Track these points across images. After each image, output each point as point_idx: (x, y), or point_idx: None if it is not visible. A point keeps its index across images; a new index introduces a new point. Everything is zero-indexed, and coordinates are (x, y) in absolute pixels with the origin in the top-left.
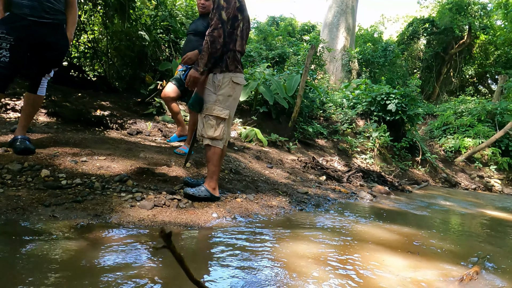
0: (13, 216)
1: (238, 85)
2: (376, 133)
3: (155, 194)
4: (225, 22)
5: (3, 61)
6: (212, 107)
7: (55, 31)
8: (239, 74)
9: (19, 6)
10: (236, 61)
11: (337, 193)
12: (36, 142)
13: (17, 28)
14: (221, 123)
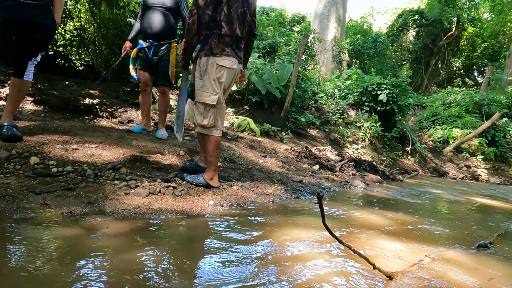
0: (2, 203)
1: (225, 68)
2: (368, 123)
3: (149, 181)
4: (200, 7)
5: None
6: (200, 93)
7: (42, 13)
8: (226, 57)
9: None
10: (223, 44)
11: (331, 181)
12: (23, 130)
13: (3, 8)
14: (210, 110)
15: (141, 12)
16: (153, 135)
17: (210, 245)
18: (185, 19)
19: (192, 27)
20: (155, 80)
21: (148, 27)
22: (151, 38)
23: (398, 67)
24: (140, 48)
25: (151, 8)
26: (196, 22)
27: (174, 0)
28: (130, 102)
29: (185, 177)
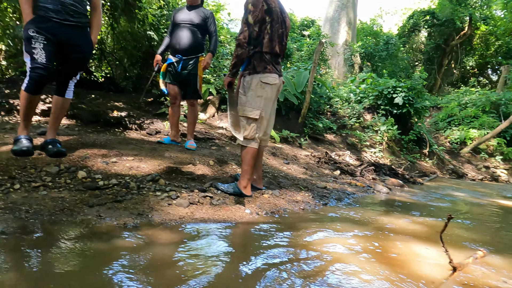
0: (63, 217)
1: (269, 85)
2: (384, 127)
3: (187, 192)
4: (251, 25)
5: (40, 62)
6: (243, 108)
7: (79, 33)
8: (268, 74)
9: (44, 9)
10: (264, 62)
11: (353, 187)
12: (64, 145)
13: (45, 28)
14: (252, 123)
15: (171, 28)
16: (182, 146)
17: (256, 252)
18: (212, 34)
19: (243, 42)
20: (184, 93)
21: (177, 43)
22: (180, 53)
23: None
24: (170, 63)
25: (180, 25)
26: (247, 38)
27: (202, 17)
28: (153, 113)
29: (219, 186)
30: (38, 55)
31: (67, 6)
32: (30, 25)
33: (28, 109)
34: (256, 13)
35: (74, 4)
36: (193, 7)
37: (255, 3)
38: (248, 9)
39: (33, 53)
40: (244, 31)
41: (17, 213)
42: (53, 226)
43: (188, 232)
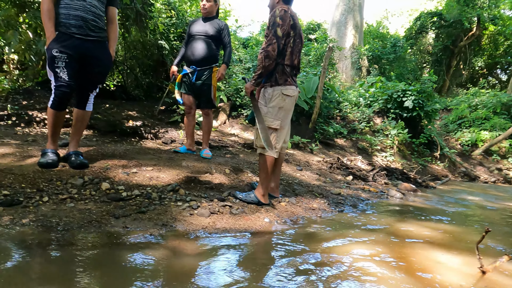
0: (92, 228)
1: (289, 97)
2: (395, 131)
3: (207, 201)
4: (280, 38)
5: (64, 79)
6: (264, 118)
7: (99, 48)
8: (289, 87)
9: (66, 26)
10: (285, 74)
11: (367, 192)
12: (86, 156)
13: (67, 46)
14: (273, 133)
15: (186, 39)
16: (198, 155)
17: (281, 260)
18: (227, 46)
19: (273, 54)
20: (199, 103)
21: (191, 54)
22: (194, 64)
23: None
24: (185, 74)
25: (195, 36)
26: (276, 50)
27: (216, 29)
28: (166, 121)
29: (237, 195)
30: (62, 74)
31: (89, 21)
32: (53, 44)
33: (55, 125)
34: (285, 27)
35: (95, 20)
36: (208, 18)
37: (283, 17)
38: (276, 22)
39: (57, 72)
40: (273, 43)
41: (49, 225)
42: (83, 238)
43: (212, 242)
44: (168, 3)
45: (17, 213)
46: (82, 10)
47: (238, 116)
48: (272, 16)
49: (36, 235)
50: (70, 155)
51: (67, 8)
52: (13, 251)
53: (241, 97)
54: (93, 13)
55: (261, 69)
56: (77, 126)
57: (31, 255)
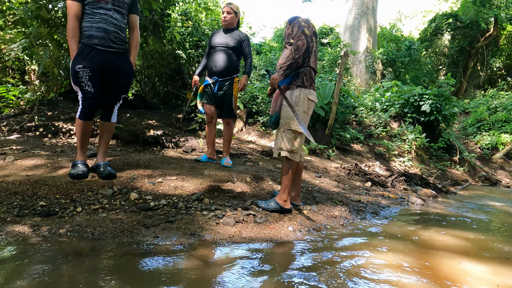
0: (124, 238)
1: (312, 102)
2: (412, 135)
3: (231, 210)
4: (308, 35)
5: (89, 92)
6: (291, 121)
7: (121, 59)
8: (313, 92)
9: (88, 37)
10: (311, 78)
11: (387, 199)
12: (112, 166)
13: (90, 59)
14: (298, 137)
15: (208, 50)
16: (219, 163)
17: (310, 270)
18: (247, 56)
19: (302, 48)
20: (220, 112)
21: (213, 65)
22: (216, 75)
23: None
24: (206, 84)
25: (216, 48)
26: (306, 45)
27: (237, 40)
28: (184, 130)
29: (259, 204)
30: (87, 87)
31: (110, 33)
32: (77, 60)
33: (83, 135)
34: (310, 29)
35: (117, 31)
36: (229, 30)
37: (307, 21)
38: (301, 24)
39: (82, 86)
40: (302, 39)
41: (85, 235)
42: (118, 248)
43: (240, 251)
44: (184, 14)
45: (54, 223)
46: (104, 22)
47: (254, 123)
48: (296, 23)
49: (74, 245)
50: (99, 166)
51: (90, 22)
52: (54, 260)
53: (257, 104)
54: (115, 25)
55: (291, 59)
56: (103, 138)
57: (71, 264)
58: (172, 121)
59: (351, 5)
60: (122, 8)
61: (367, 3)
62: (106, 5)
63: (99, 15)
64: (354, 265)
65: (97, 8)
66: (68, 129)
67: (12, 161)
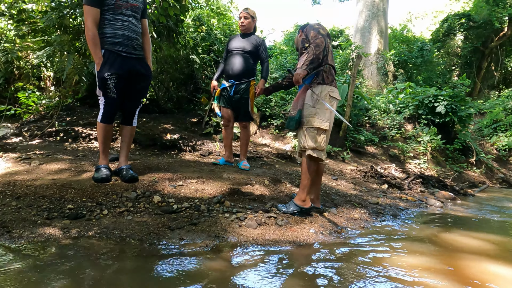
0: (151, 240)
1: (335, 100)
2: (427, 137)
3: (252, 213)
4: (324, 35)
5: (112, 97)
6: (313, 119)
7: (141, 64)
8: (334, 89)
9: (113, 44)
10: (331, 75)
11: (405, 201)
12: (134, 170)
13: (115, 65)
14: (322, 134)
15: (225, 55)
16: (236, 166)
17: (338, 272)
18: (264, 61)
19: (321, 44)
20: (237, 116)
21: (230, 69)
22: (233, 78)
23: (448, 73)
24: (223, 88)
25: (233, 52)
26: (324, 42)
27: (254, 44)
28: (200, 133)
29: (280, 208)
30: (111, 93)
31: (133, 40)
32: (104, 67)
33: (105, 139)
34: (324, 30)
35: (137, 38)
36: (246, 35)
37: (319, 25)
38: (315, 27)
39: (107, 92)
40: (319, 37)
41: (112, 237)
42: (145, 250)
43: (265, 253)
44: (197, 19)
45: (82, 226)
46: (127, 29)
47: (268, 126)
48: (309, 27)
49: (103, 247)
50: (122, 169)
51: (113, 28)
52: (85, 262)
53: (271, 107)
54: (135, 32)
55: (312, 55)
56: (125, 142)
57: (102, 265)
58: (187, 125)
59: (362, 7)
60: (138, 13)
61: (377, 4)
62: (127, 10)
63: (120, 21)
64: (378, 267)
65: (118, 14)
66: (87, 134)
67: (38, 165)
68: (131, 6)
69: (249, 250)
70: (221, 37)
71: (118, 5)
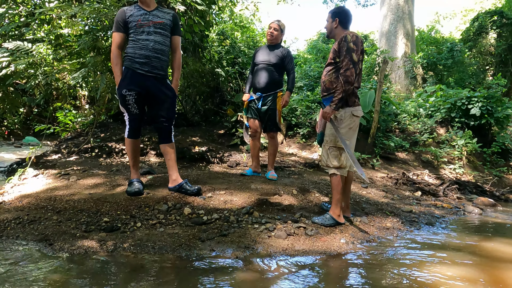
0: (183, 252)
1: (357, 118)
2: (462, 141)
3: (281, 223)
4: (356, 62)
5: (135, 113)
6: (335, 139)
7: (161, 84)
8: (357, 108)
9: (131, 61)
10: (354, 95)
11: (440, 209)
12: (164, 181)
13: (132, 83)
14: (343, 153)
15: (252, 67)
16: (264, 177)
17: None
18: (290, 72)
19: (352, 79)
20: (265, 126)
21: (257, 82)
22: (260, 91)
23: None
24: (251, 100)
25: (259, 65)
26: (354, 74)
27: (279, 57)
28: (226, 145)
29: (314, 220)
30: (133, 108)
31: (151, 58)
32: (122, 85)
33: (134, 153)
34: (358, 52)
35: (157, 56)
36: (273, 46)
37: (356, 43)
38: (351, 48)
39: (129, 108)
40: (351, 68)
41: (146, 249)
42: (178, 261)
43: (296, 264)
44: (222, 33)
45: (118, 238)
46: (146, 49)
47: (294, 135)
48: (344, 42)
49: (139, 258)
50: (182, 185)
51: (133, 48)
52: (123, 273)
53: (296, 116)
54: (156, 50)
55: (341, 93)
56: (171, 158)
57: (139, 277)
58: (214, 137)
59: (386, 11)
60: (164, 30)
61: (402, 7)
62: (149, 28)
63: (141, 41)
64: (415, 278)
65: (139, 34)
66: (120, 149)
67: (75, 180)
68: (154, 23)
69: (279, 261)
70: (245, 49)
71: (140, 24)
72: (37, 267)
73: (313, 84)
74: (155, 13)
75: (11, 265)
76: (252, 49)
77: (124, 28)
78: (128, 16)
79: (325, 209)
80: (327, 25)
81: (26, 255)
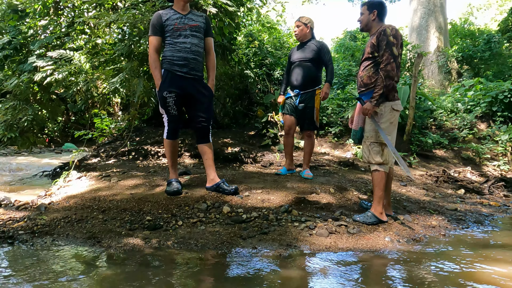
0: (225, 249)
1: (398, 112)
2: (506, 136)
3: (321, 221)
4: (396, 56)
5: (174, 114)
6: (377, 134)
7: (199, 84)
8: (397, 102)
9: (171, 64)
10: (394, 90)
11: (487, 207)
12: (201, 182)
13: (173, 85)
14: (385, 149)
15: (288, 67)
16: (299, 175)
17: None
18: (327, 64)
19: (393, 73)
20: (302, 124)
21: (294, 80)
22: (297, 88)
23: None
24: (288, 97)
25: (295, 62)
26: (395, 69)
27: (314, 51)
28: (258, 146)
29: (356, 218)
30: (172, 110)
31: (190, 60)
32: (163, 87)
33: (173, 154)
34: (399, 45)
35: (195, 58)
36: (304, 43)
37: (396, 36)
38: (391, 41)
39: (168, 110)
40: (391, 63)
41: (189, 247)
42: (222, 258)
43: (340, 262)
44: (249, 35)
45: (161, 236)
46: (184, 51)
47: (326, 134)
48: (384, 35)
49: (183, 255)
50: (219, 184)
51: (171, 51)
52: (169, 270)
53: (327, 115)
54: (194, 52)
55: (382, 88)
56: (209, 158)
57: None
58: (244, 138)
59: (416, 5)
60: (199, 32)
61: (433, 0)
62: (185, 31)
63: (179, 44)
64: (468, 278)
65: (177, 37)
66: (156, 152)
67: (116, 181)
68: (190, 26)
69: (323, 258)
70: (272, 50)
71: (176, 28)
72: (91, 263)
73: (343, 82)
74: (190, 17)
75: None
76: (279, 50)
77: (160, 31)
78: (164, 20)
79: (365, 207)
80: (363, 18)
81: (78, 252)
